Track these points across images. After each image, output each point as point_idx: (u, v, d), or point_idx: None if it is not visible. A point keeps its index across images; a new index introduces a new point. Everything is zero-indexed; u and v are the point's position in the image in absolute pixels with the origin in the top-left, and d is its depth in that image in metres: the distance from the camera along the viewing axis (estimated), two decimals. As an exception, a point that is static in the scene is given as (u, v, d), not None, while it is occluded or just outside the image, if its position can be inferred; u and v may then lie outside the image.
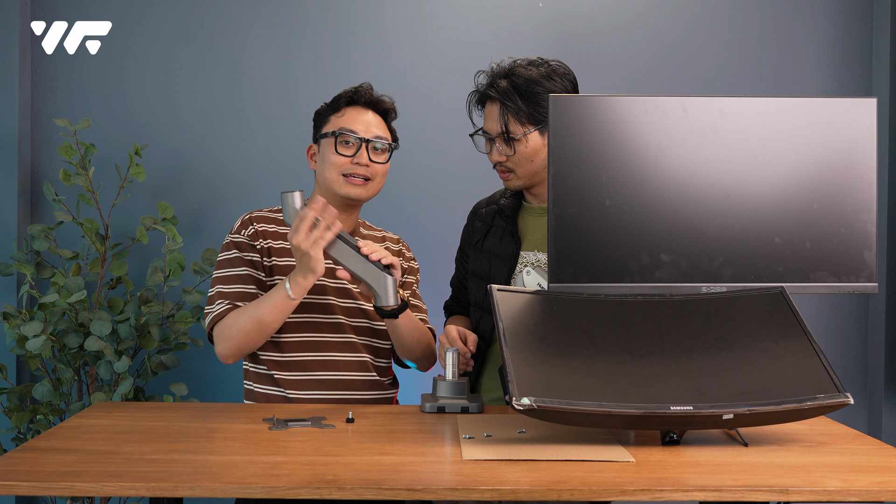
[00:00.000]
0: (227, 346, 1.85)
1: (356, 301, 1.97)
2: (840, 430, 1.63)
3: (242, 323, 1.82)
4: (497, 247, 1.99)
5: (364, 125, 1.96)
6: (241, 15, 2.95)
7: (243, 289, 1.89)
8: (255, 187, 2.94)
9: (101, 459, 1.35)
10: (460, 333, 1.86)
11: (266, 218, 1.99)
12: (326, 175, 1.95)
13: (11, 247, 2.75)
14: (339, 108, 1.98)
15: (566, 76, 1.93)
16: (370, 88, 2.01)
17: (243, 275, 1.91)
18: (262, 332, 1.83)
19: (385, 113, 2.01)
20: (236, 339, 1.84)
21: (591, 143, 1.64)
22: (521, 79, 1.89)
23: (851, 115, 1.67)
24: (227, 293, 1.89)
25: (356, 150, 1.94)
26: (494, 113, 1.92)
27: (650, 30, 3.00)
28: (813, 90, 2.98)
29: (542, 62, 1.93)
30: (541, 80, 1.89)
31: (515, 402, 1.38)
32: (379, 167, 1.96)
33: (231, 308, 1.87)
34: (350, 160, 1.93)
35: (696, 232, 1.65)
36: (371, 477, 1.27)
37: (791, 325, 1.56)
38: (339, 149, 1.93)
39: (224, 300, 1.88)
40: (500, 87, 1.90)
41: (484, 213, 2.09)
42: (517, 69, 1.92)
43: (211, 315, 1.88)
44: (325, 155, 1.96)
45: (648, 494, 1.23)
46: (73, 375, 2.65)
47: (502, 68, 1.94)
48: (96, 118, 2.83)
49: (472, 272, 2.04)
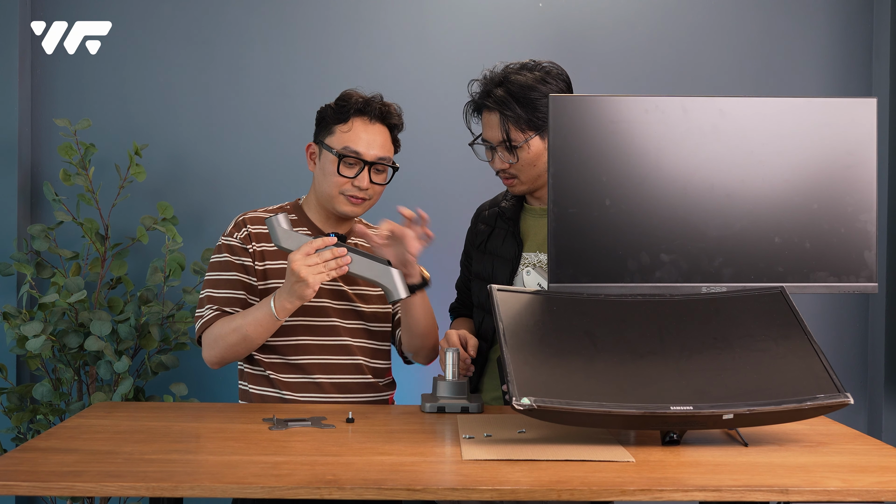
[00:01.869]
0: (212, 353, 1.88)
1: (351, 303, 1.97)
2: (840, 430, 1.63)
3: (227, 335, 1.84)
4: (499, 248, 1.99)
5: (368, 143, 1.93)
6: (241, 15, 2.95)
7: (232, 294, 1.90)
8: (255, 187, 2.94)
9: (101, 459, 1.35)
10: (461, 338, 1.86)
11: (260, 219, 1.98)
12: (325, 189, 1.94)
13: (11, 247, 2.75)
14: (347, 117, 1.94)
15: (560, 77, 1.92)
16: (381, 101, 1.97)
17: (233, 279, 1.91)
18: (246, 346, 1.86)
19: (392, 126, 1.99)
20: (221, 350, 1.86)
21: (591, 143, 1.64)
22: (515, 86, 1.88)
23: (851, 115, 1.67)
24: (216, 298, 1.90)
25: (358, 171, 1.92)
26: (494, 122, 1.91)
27: (650, 30, 3.00)
28: (813, 90, 2.98)
29: (535, 65, 1.92)
30: (536, 84, 1.88)
31: (515, 402, 1.38)
32: (378, 188, 1.96)
33: (220, 314, 1.88)
34: (351, 181, 1.92)
35: (696, 232, 1.65)
36: (371, 477, 1.27)
37: (791, 325, 1.56)
38: (341, 170, 1.92)
39: (213, 305, 1.90)
40: (496, 96, 1.89)
41: (487, 216, 2.09)
42: (511, 76, 1.90)
43: (200, 321, 1.90)
44: (326, 168, 1.94)
45: (648, 494, 1.23)
46: (73, 375, 2.65)
47: (495, 75, 1.93)
48: (96, 118, 2.83)
49: (475, 274, 2.04)
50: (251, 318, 1.82)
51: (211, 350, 1.87)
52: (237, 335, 1.83)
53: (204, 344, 1.89)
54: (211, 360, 1.89)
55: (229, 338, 1.83)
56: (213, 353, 1.87)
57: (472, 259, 2.07)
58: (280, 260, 1.93)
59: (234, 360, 1.90)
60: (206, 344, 1.89)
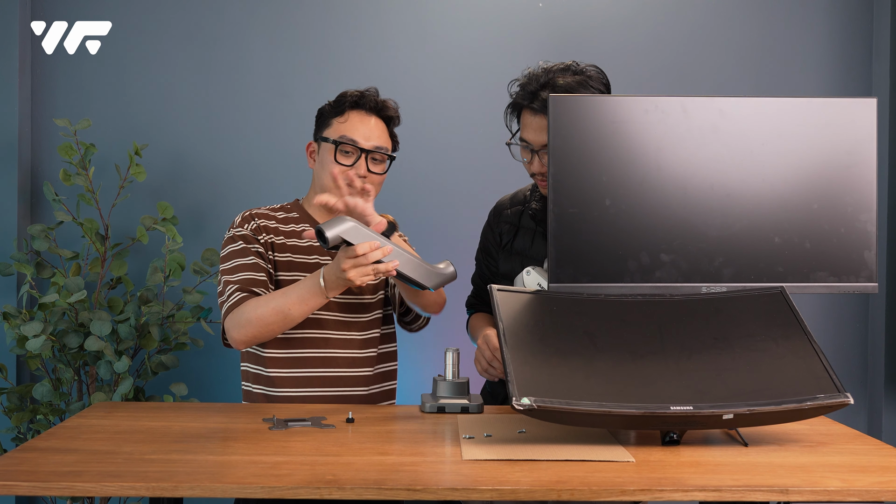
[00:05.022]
0: (244, 332, 1.83)
1: (353, 295, 1.97)
2: (840, 430, 1.63)
3: (265, 315, 1.80)
4: (529, 248, 1.99)
5: (365, 133, 1.95)
6: (241, 15, 2.95)
7: (254, 276, 1.88)
8: (255, 187, 2.94)
9: (101, 459, 1.35)
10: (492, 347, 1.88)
11: (266, 215, 1.99)
12: (325, 181, 1.95)
13: (11, 247, 2.75)
14: (343, 111, 1.97)
15: (600, 80, 1.90)
16: (376, 94, 2.00)
17: (252, 263, 1.90)
18: (284, 325, 1.82)
19: (389, 119, 2.00)
20: (255, 329, 1.82)
21: (591, 143, 1.64)
22: (561, 88, 1.85)
23: (851, 115, 1.67)
24: (237, 280, 1.88)
25: (355, 160, 1.93)
26: (539, 125, 1.87)
27: (650, 30, 3.00)
28: (813, 90, 2.98)
29: (577, 67, 1.90)
30: (579, 88, 1.86)
31: (515, 402, 1.38)
32: (376, 177, 1.96)
33: (248, 295, 1.86)
34: (348, 170, 1.92)
35: (696, 232, 1.65)
36: (371, 477, 1.27)
37: (791, 325, 1.56)
38: (338, 157, 1.93)
39: (236, 286, 1.87)
40: (544, 99, 1.85)
41: (510, 214, 2.07)
42: (555, 78, 1.87)
43: (226, 305, 1.87)
44: (325, 160, 1.96)
45: (648, 494, 1.23)
46: (73, 375, 2.65)
47: (538, 76, 1.89)
48: (96, 118, 2.83)
49: (503, 274, 2.04)
50: (294, 296, 1.79)
51: (242, 329, 1.82)
52: (277, 315, 1.80)
53: (231, 325, 1.84)
54: (241, 338, 1.83)
55: (267, 317, 1.80)
56: (245, 333, 1.82)
57: (498, 258, 2.07)
58: (289, 253, 1.94)
59: (266, 339, 1.85)
60: (235, 324, 1.83)
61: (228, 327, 1.86)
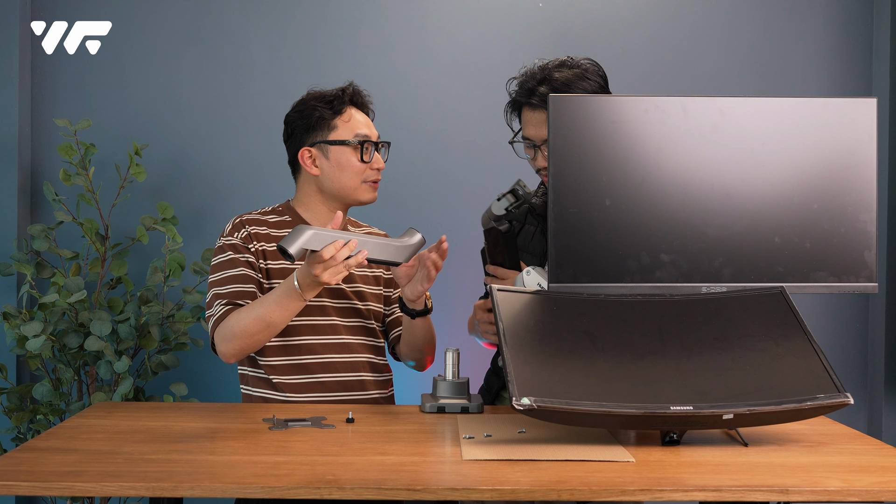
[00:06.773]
0: (231, 346, 1.84)
1: (350, 301, 1.97)
2: (840, 430, 1.63)
3: (247, 326, 1.81)
4: (528, 245, 2.00)
5: (368, 127, 1.99)
6: (241, 15, 2.95)
7: (241, 288, 1.89)
8: (255, 187, 2.93)
9: (101, 459, 1.35)
10: None
11: (257, 220, 1.98)
12: (346, 182, 1.95)
13: (11, 247, 2.75)
14: (343, 109, 1.97)
15: (597, 73, 1.92)
16: (359, 88, 2.04)
17: (240, 275, 1.90)
18: (268, 333, 1.83)
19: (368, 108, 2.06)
20: (241, 342, 1.83)
21: (591, 143, 1.64)
22: (558, 83, 1.87)
23: (851, 115, 1.67)
24: (224, 293, 1.88)
25: (371, 154, 1.96)
26: (539, 119, 1.89)
27: (650, 30, 3.00)
28: (813, 90, 2.98)
29: (573, 62, 1.92)
30: (576, 81, 1.88)
31: (515, 402, 1.38)
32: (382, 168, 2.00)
33: (232, 308, 1.86)
34: (369, 166, 1.95)
35: (696, 232, 1.65)
36: (371, 477, 1.27)
37: (791, 325, 1.56)
38: (364, 157, 1.95)
39: (222, 300, 1.88)
40: (541, 94, 1.88)
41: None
42: (552, 73, 1.90)
43: (213, 318, 1.88)
44: (342, 162, 1.95)
45: (648, 494, 1.23)
46: (73, 375, 2.65)
47: (535, 73, 1.92)
48: (96, 118, 2.83)
49: None
50: (272, 303, 1.80)
51: (229, 343, 1.84)
52: (259, 324, 1.80)
53: (219, 339, 1.85)
54: (229, 353, 1.85)
55: (250, 328, 1.81)
56: (233, 346, 1.84)
57: None
58: (281, 260, 1.93)
59: (253, 349, 1.86)
60: (221, 338, 1.85)
61: (217, 341, 1.87)
